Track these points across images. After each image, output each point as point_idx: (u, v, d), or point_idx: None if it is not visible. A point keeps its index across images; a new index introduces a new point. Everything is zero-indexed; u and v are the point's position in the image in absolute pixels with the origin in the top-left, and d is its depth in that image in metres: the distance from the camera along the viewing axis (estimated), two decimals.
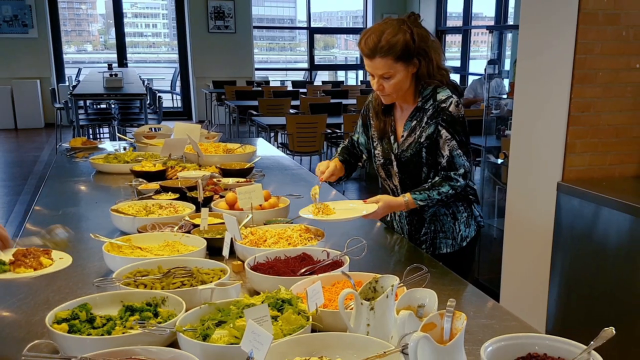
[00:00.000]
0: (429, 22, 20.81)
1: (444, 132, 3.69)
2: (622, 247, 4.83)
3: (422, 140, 3.77)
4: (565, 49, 5.20)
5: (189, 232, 3.61)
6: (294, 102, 15.15)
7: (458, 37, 20.54)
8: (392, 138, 3.93)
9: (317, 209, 3.66)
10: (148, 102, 14.92)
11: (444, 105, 3.69)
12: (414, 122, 3.81)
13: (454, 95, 3.74)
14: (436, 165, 3.78)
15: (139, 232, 3.64)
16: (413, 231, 4.02)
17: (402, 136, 3.87)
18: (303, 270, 3.05)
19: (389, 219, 4.26)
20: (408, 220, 4.02)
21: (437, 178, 3.74)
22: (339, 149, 4.41)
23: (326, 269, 3.08)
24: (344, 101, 15.04)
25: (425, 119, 3.75)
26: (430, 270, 2.92)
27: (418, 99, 3.78)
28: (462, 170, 3.70)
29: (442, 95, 3.72)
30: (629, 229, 4.74)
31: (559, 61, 5.28)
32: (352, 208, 3.73)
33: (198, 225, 3.72)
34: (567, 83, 5.21)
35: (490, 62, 10.06)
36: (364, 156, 4.29)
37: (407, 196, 3.68)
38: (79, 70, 22.09)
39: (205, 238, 3.44)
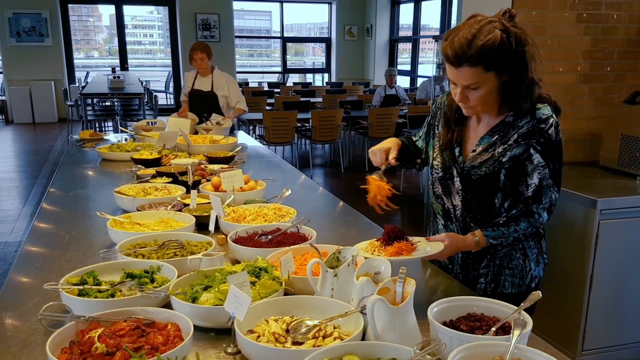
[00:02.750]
0: (383, 32, 20.87)
1: (536, 157, 2.69)
2: (548, 223, 4.85)
3: (504, 160, 2.73)
4: None
5: (180, 210, 3.59)
6: (269, 100, 15.16)
7: (409, 45, 20.58)
8: (457, 150, 2.91)
9: (373, 247, 2.70)
10: (146, 100, 14.86)
11: (543, 125, 2.68)
12: (495, 138, 2.77)
13: (554, 115, 2.72)
14: (514, 192, 2.78)
15: (138, 210, 3.61)
16: (470, 261, 2.97)
17: (474, 150, 2.84)
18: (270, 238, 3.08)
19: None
20: None
21: (513, 211, 2.76)
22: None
23: (294, 241, 3.08)
24: (312, 99, 14.99)
25: (516, 137, 2.71)
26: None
27: (507, 112, 2.76)
28: (547, 203, 2.74)
29: (542, 113, 2.70)
30: (557, 207, 4.77)
31: None
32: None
33: (188, 205, 3.70)
34: None
35: (439, 66, 10.09)
36: (422, 157, 3.27)
37: (478, 235, 2.72)
38: (87, 73, 21.93)
39: (194, 215, 3.42)
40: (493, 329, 2.07)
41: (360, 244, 2.76)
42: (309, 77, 24.30)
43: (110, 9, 20.99)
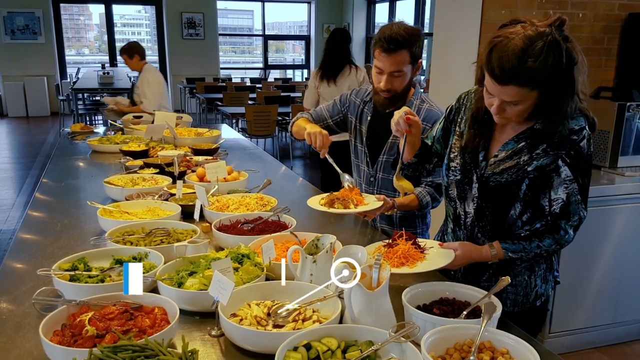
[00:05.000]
0: (359, 30, 20.85)
1: (564, 170, 2.37)
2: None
3: (529, 169, 2.40)
4: (470, 52, 5.22)
5: (167, 199, 3.57)
6: (251, 95, 15.14)
7: None
8: (481, 154, 2.56)
9: (380, 253, 2.48)
10: None
11: (575, 137, 2.36)
12: (522, 144, 2.43)
13: (587, 128, 2.41)
14: (534, 205, 2.45)
15: (127, 199, 3.60)
16: (471, 272, 2.67)
17: (496, 155, 2.50)
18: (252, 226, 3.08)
19: None
20: None
21: (537, 225, 2.46)
22: None
23: (275, 229, 3.08)
24: (292, 94, 14.97)
25: (545, 146, 2.38)
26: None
27: (537, 118, 2.39)
28: (576, 221, 2.43)
29: (575, 124, 2.38)
30: None
31: (464, 62, 5.29)
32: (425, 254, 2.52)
33: (174, 194, 3.68)
34: (471, 81, 5.23)
35: None
36: (431, 161, 2.96)
37: (496, 247, 2.45)
38: (78, 69, 21.76)
39: (180, 205, 3.40)
40: (464, 312, 2.08)
41: (369, 246, 2.59)
42: (289, 73, 24.28)
43: (100, 8, 20.85)
